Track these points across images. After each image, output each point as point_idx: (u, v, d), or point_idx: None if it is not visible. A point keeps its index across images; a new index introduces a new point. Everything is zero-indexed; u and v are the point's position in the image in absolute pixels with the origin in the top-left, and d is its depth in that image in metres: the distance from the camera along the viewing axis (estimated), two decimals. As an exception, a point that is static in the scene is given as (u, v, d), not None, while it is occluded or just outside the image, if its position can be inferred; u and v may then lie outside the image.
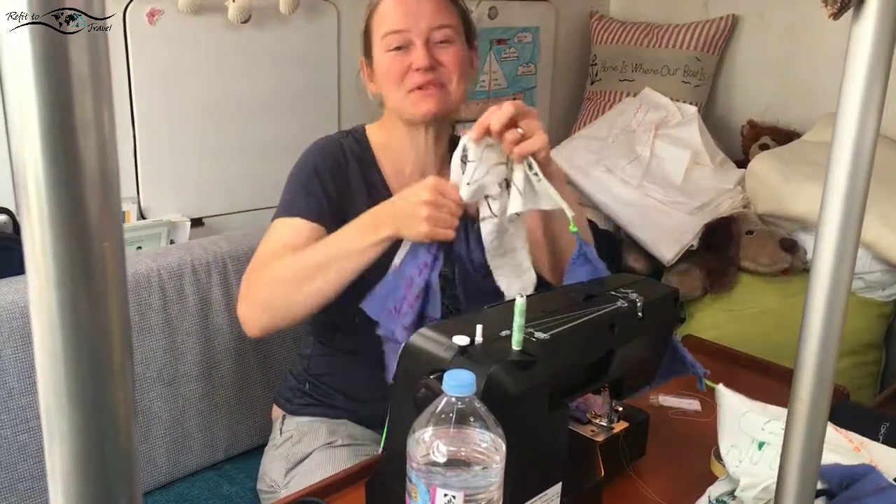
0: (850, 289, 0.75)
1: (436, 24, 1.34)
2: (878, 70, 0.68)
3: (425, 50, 1.33)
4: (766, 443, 1.06)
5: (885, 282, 2.10)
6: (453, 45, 1.36)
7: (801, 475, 0.78)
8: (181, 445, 1.56)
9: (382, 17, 1.36)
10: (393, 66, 1.35)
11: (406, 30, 1.33)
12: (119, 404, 0.39)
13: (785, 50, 2.59)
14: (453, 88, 1.37)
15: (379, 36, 1.37)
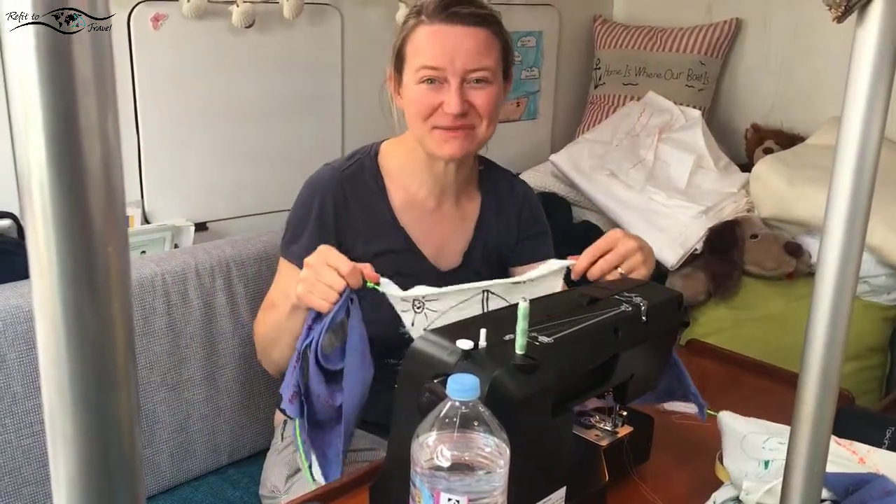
0: (856, 292, 0.75)
1: (473, 66, 1.28)
2: (882, 73, 0.68)
3: (459, 94, 1.28)
4: (770, 460, 1.06)
5: (889, 286, 2.09)
6: (488, 87, 1.31)
7: (807, 480, 0.78)
8: (185, 450, 1.56)
9: (419, 47, 1.30)
10: (423, 100, 1.30)
11: (442, 68, 1.27)
12: (123, 409, 0.39)
13: (789, 53, 2.59)
14: (481, 130, 1.33)
15: (413, 66, 1.30)
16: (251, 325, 1.57)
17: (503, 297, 1.16)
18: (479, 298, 1.16)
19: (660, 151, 2.43)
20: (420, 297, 1.14)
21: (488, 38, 1.30)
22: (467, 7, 1.28)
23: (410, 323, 1.15)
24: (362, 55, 2.24)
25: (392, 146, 1.43)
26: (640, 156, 2.42)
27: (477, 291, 1.15)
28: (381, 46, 2.28)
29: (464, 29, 1.28)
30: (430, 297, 1.14)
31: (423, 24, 1.29)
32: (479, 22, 1.29)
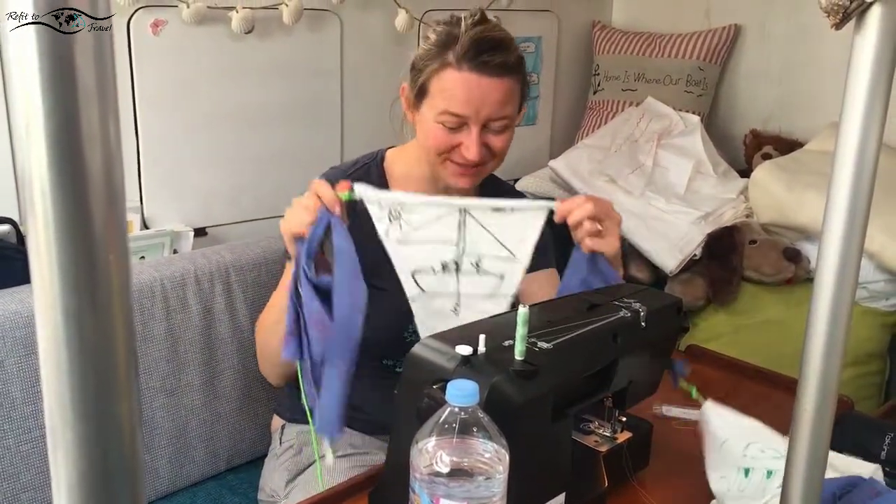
0: (854, 298, 0.75)
1: (496, 115, 1.29)
2: (880, 79, 0.69)
3: (478, 142, 1.29)
4: (751, 469, 1.05)
5: (888, 291, 2.10)
6: (507, 132, 1.32)
7: (806, 485, 0.78)
8: (183, 456, 1.56)
9: (446, 90, 1.28)
10: (441, 138, 1.30)
11: (466, 116, 1.28)
12: (124, 416, 0.39)
13: (787, 59, 2.59)
14: (492, 165, 1.36)
15: (436, 105, 1.30)
16: (250, 330, 1.57)
17: (480, 220, 1.15)
18: (455, 217, 1.14)
19: (659, 157, 2.43)
20: (397, 207, 1.13)
21: (512, 86, 1.30)
22: (498, 56, 1.27)
23: (385, 233, 1.13)
24: (362, 61, 2.25)
25: (397, 154, 1.44)
26: (640, 161, 2.42)
27: (454, 209, 1.14)
28: (380, 52, 2.30)
29: (492, 81, 1.27)
30: (406, 208, 1.13)
31: (451, 68, 1.28)
32: (507, 72, 1.28)
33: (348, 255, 1.05)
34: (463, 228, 1.15)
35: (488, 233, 1.14)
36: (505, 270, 1.16)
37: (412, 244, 1.14)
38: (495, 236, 1.15)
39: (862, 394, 2.09)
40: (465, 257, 1.15)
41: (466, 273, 1.15)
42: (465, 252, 1.15)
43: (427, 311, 1.18)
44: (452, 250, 1.15)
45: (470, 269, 1.15)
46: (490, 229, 1.14)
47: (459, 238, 1.15)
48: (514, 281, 1.16)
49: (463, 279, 1.16)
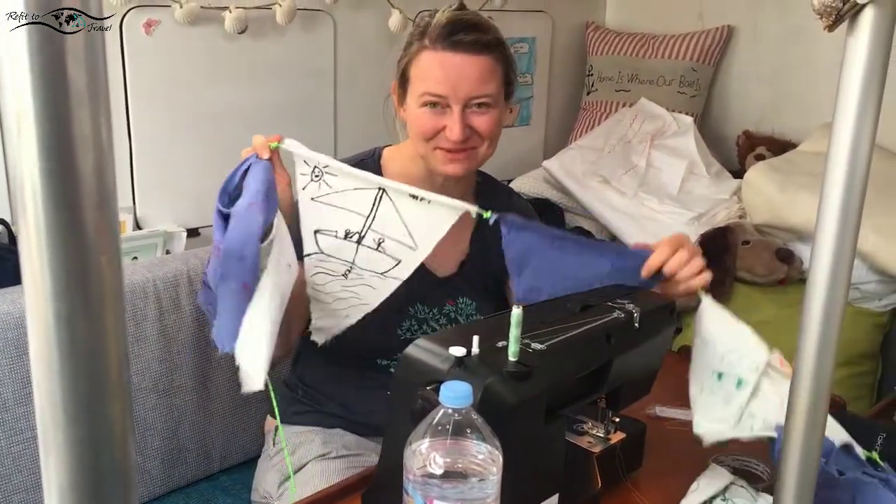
0: (847, 299, 0.75)
1: (476, 93, 1.30)
2: (873, 81, 0.69)
3: (461, 120, 1.29)
4: (724, 374, 1.08)
5: (881, 292, 2.10)
6: (490, 111, 1.32)
7: (799, 482, 0.78)
8: (176, 457, 1.55)
9: (423, 72, 1.31)
10: (426, 123, 1.31)
11: (445, 96, 1.29)
12: (116, 418, 0.39)
13: (780, 60, 2.60)
14: (483, 150, 1.35)
15: (416, 90, 1.31)
16: (243, 331, 1.57)
17: (395, 203, 1.16)
18: (373, 194, 1.16)
19: (652, 158, 2.44)
20: (321, 166, 1.15)
21: (491, 64, 1.31)
22: (471, 34, 1.29)
23: (302, 187, 1.16)
24: (355, 61, 2.25)
25: (393, 152, 1.45)
26: (633, 162, 2.43)
27: (374, 186, 1.16)
28: (373, 52, 2.29)
29: (467, 57, 1.29)
30: (330, 171, 1.15)
31: (427, 50, 1.30)
32: (482, 49, 1.29)
33: (253, 189, 1.06)
34: (377, 205, 1.17)
35: (399, 217, 1.16)
36: (404, 256, 1.17)
37: (325, 205, 1.16)
38: (405, 222, 1.17)
39: (854, 394, 2.09)
40: (369, 232, 1.17)
41: (366, 247, 1.17)
42: (370, 227, 1.17)
43: (317, 268, 1.20)
44: (360, 222, 1.17)
45: (371, 245, 1.17)
46: (402, 214, 1.16)
47: (370, 213, 1.17)
48: (409, 267, 1.18)
49: (361, 251, 1.18)
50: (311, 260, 1.20)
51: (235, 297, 0.98)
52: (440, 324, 1.40)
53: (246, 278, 0.98)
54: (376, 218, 1.17)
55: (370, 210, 1.17)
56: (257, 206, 1.02)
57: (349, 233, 1.17)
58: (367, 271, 1.19)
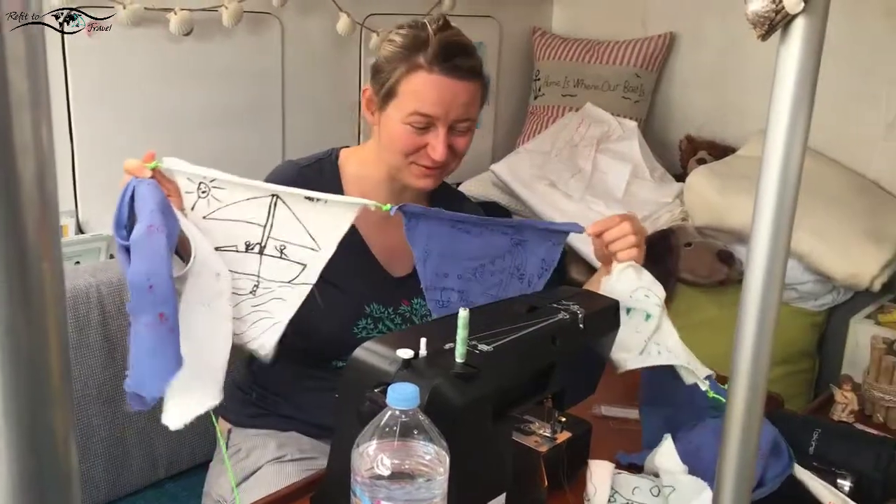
0: (781, 299, 0.78)
1: (463, 116, 1.33)
2: (804, 88, 0.71)
3: (445, 142, 1.32)
4: (632, 309, 1.19)
5: (817, 292, 2.17)
6: (470, 132, 1.37)
7: (737, 479, 0.80)
8: (121, 464, 1.53)
9: (417, 90, 1.31)
10: (409, 140, 1.33)
11: (435, 117, 1.31)
12: (59, 426, 0.39)
13: (720, 67, 2.66)
14: (454, 166, 1.39)
15: (405, 107, 1.32)
16: (190, 336, 1.55)
17: (292, 209, 1.14)
18: (266, 202, 1.13)
19: (598, 162, 2.47)
20: (207, 181, 1.10)
21: (478, 90, 1.36)
22: (467, 60, 1.32)
23: (191, 206, 1.10)
24: (303, 64, 2.24)
25: (350, 154, 1.45)
26: (579, 166, 2.46)
27: (266, 193, 1.12)
28: (321, 55, 2.29)
29: (461, 84, 1.32)
30: (218, 184, 1.10)
31: (422, 70, 1.31)
32: (475, 76, 1.34)
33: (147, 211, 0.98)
34: (272, 212, 1.14)
35: (297, 221, 1.14)
36: (308, 260, 1.15)
37: (219, 221, 1.11)
38: (304, 225, 1.15)
39: (792, 391, 2.15)
40: (270, 241, 1.14)
41: (269, 256, 1.15)
42: (270, 236, 1.14)
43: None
44: (259, 232, 1.14)
45: (274, 253, 1.14)
46: (300, 217, 1.14)
47: (268, 222, 1.14)
48: (315, 270, 1.15)
49: (265, 261, 1.15)
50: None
51: (153, 333, 0.89)
52: (395, 323, 1.41)
53: (160, 308, 0.89)
54: (274, 226, 1.14)
55: (267, 218, 1.13)
56: (157, 228, 0.94)
57: (249, 244, 1.13)
58: (275, 283, 1.15)
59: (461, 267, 1.24)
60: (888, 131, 2.33)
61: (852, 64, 2.31)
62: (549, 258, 1.32)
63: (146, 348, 0.89)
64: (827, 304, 2.20)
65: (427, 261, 1.22)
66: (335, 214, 1.16)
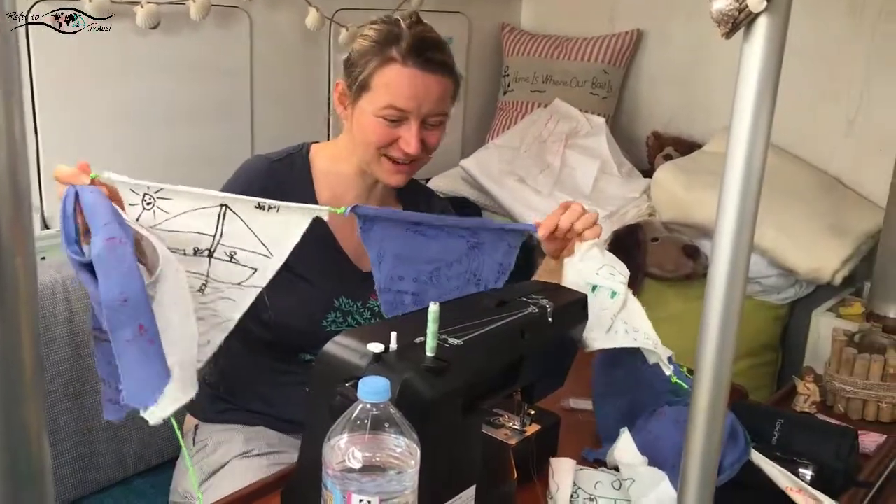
0: (745, 292, 0.80)
1: (436, 110, 1.34)
2: (767, 85, 0.73)
3: (418, 135, 1.33)
4: (598, 286, 1.22)
5: (780, 286, 2.21)
6: (442, 127, 1.38)
7: (703, 468, 0.82)
8: (89, 461, 1.52)
9: (390, 84, 1.32)
10: (382, 133, 1.34)
11: (408, 110, 1.32)
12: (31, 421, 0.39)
13: (687, 64, 2.70)
14: (425, 160, 1.41)
15: (378, 100, 1.33)
16: (158, 331, 1.54)
17: (242, 217, 1.11)
18: (216, 212, 1.10)
19: (566, 157, 2.49)
20: (152, 192, 1.06)
21: (450, 84, 1.38)
22: (440, 54, 1.34)
23: (136, 218, 1.06)
24: (272, 58, 2.23)
25: (321, 149, 1.46)
26: (548, 161, 2.48)
27: (215, 203, 1.10)
28: (290, 50, 2.28)
29: (434, 77, 1.33)
30: (162, 196, 1.06)
31: (396, 63, 1.32)
32: (447, 70, 1.36)
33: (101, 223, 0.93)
34: (222, 222, 1.12)
35: (248, 229, 1.12)
36: (259, 265, 1.14)
37: (166, 232, 1.07)
38: (255, 233, 1.13)
39: (756, 383, 2.19)
40: (219, 247, 1.12)
41: (219, 260, 1.12)
42: (220, 243, 1.11)
43: None
44: (208, 241, 1.11)
45: (223, 257, 1.12)
46: (251, 226, 1.12)
47: (217, 231, 1.11)
48: (266, 275, 1.14)
49: (214, 263, 1.12)
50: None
51: (136, 347, 0.88)
52: (364, 317, 1.41)
53: (139, 321, 0.88)
54: (224, 234, 1.11)
55: (216, 228, 1.11)
56: (119, 240, 0.90)
57: (198, 250, 1.11)
58: (223, 283, 1.13)
59: (416, 270, 1.25)
60: (850, 128, 2.38)
61: (815, 62, 2.35)
62: (505, 262, 1.32)
63: (133, 362, 0.88)
64: (790, 298, 2.24)
65: (382, 263, 1.22)
66: (287, 221, 1.14)
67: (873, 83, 2.32)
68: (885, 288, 1.93)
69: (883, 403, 1.50)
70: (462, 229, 1.28)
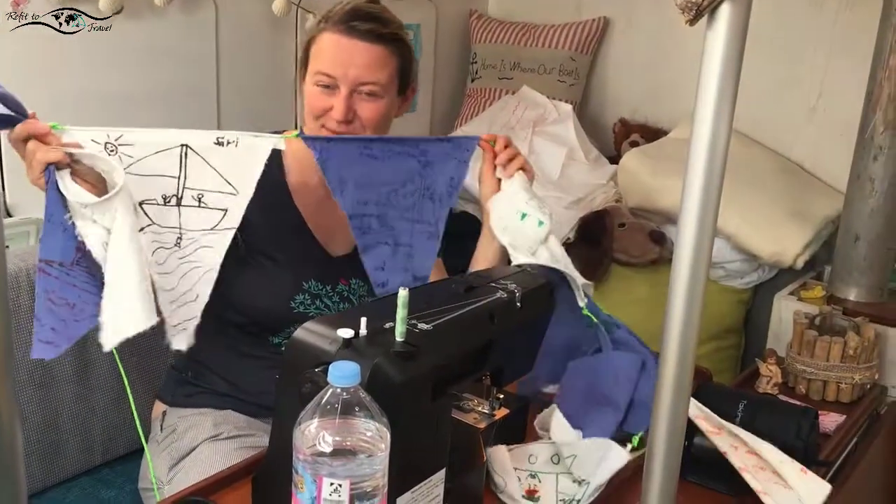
0: (708, 276, 0.81)
1: (364, 79, 1.33)
2: (730, 71, 0.74)
3: (346, 102, 1.33)
4: (526, 214, 1.32)
5: (743, 270, 2.24)
6: (377, 101, 1.36)
7: (668, 449, 0.84)
8: (55, 451, 1.50)
9: (319, 51, 1.35)
10: (315, 101, 1.35)
11: (335, 77, 1.32)
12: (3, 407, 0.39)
13: (652, 52, 2.72)
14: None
15: (312, 68, 1.36)
16: (125, 319, 1.53)
17: (202, 155, 1.14)
18: (177, 152, 1.13)
19: (534, 144, 2.51)
20: (112, 140, 1.09)
21: (384, 54, 1.35)
22: (368, 23, 1.33)
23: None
24: (238, 45, 2.21)
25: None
26: (516, 148, 2.48)
27: (175, 144, 1.12)
28: (257, 37, 2.26)
29: (360, 44, 1.33)
30: (123, 142, 1.09)
31: (326, 31, 1.34)
32: (376, 39, 1.34)
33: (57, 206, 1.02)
34: (185, 163, 1.14)
35: (211, 167, 1.14)
36: (228, 204, 1.16)
37: (132, 176, 1.10)
38: (218, 171, 1.15)
39: (721, 366, 2.23)
40: (186, 191, 1.14)
41: (188, 206, 1.15)
42: (186, 186, 1.14)
43: (155, 243, 1.15)
44: (174, 184, 1.14)
45: (192, 203, 1.15)
46: (212, 164, 1.14)
47: (181, 172, 1.14)
48: (236, 215, 1.16)
49: (185, 212, 1.15)
50: (146, 235, 1.14)
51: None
52: (333, 301, 1.42)
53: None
54: (188, 176, 1.13)
55: (179, 169, 1.13)
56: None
57: (166, 197, 1.13)
58: (197, 232, 1.15)
59: (377, 193, 1.26)
60: (811, 115, 2.42)
61: (777, 49, 2.38)
62: (456, 176, 1.35)
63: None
64: (753, 282, 2.28)
65: (344, 190, 1.23)
66: (249, 156, 1.16)
67: (834, 70, 2.36)
68: (845, 272, 1.98)
69: (843, 384, 1.54)
70: (412, 148, 1.30)
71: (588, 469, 1.12)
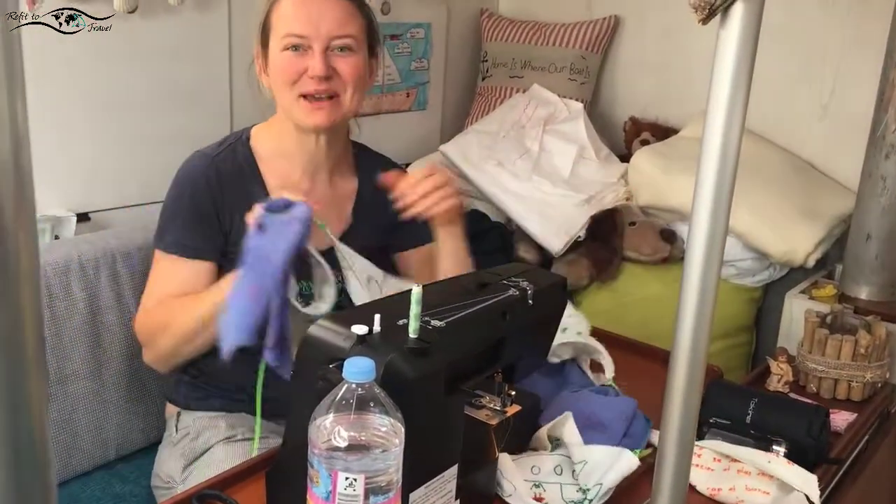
0: (720, 274, 0.81)
1: (337, 33, 1.31)
2: (742, 71, 0.75)
3: (322, 57, 1.31)
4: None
5: (755, 269, 2.24)
6: (353, 55, 1.34)
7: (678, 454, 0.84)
8: (71, 446, 1.52)
9: (283, 15, 1.33)
10: (288, 66, 1.32)
11: (306, 35, 1.30)
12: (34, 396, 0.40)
13: (663, 50, 2.72)
14: (347, 99, 1.36)
15: (278, 34, 1.33)
16: (139, 317, 1.54)
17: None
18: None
19: (545, 142, 2.51)
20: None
21: (352, 10, 1.35)
22: None
23: None
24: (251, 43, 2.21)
25: (262, 130, 1.44)
26: (527, 146, 2.49)
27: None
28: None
29: (327, 1, 1.32)
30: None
31: None
32: None
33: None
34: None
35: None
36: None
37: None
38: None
39: (732, 364, 2.23)
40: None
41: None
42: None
43: None
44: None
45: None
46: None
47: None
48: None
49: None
50: None
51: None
52: None
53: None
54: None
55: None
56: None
57: None
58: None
59: None
60: (823, 113, 2.41)
61: (789, 47, 2.38)
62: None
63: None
64: (764, 280, 2.27)
65: None
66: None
67: (847, 68, 2.35)
68: (856, 270, 1.97)
69: (854, 383, 1.54)
70: None
71: (598, 475, 1.12)
